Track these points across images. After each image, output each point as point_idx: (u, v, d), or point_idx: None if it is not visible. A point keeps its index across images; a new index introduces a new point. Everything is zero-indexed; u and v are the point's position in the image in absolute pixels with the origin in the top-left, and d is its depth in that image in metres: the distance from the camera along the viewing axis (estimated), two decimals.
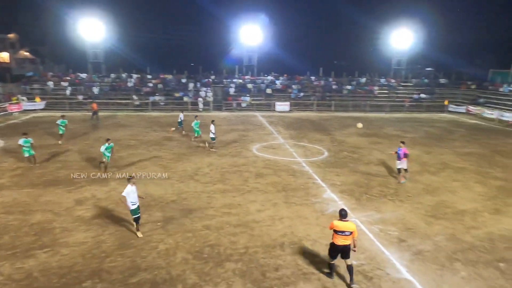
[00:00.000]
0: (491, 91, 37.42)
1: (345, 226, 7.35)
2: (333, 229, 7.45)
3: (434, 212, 11.28)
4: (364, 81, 42.06)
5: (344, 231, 7.33)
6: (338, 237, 7.39)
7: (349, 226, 7.36)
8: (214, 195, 12.30)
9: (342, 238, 7.37)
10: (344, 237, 7.36)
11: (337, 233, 7.39)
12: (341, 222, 7.39)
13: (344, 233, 7.33)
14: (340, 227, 7.35)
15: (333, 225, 7.44)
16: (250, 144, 20.43)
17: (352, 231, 7.34)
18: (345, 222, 7.38)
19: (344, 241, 7.37)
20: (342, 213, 7.46)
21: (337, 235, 7.40)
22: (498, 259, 8.59)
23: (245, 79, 40.49)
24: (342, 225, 7.36)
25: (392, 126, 28.20)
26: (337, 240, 7.41)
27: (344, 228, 7.33)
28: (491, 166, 16.83)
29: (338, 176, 14.78)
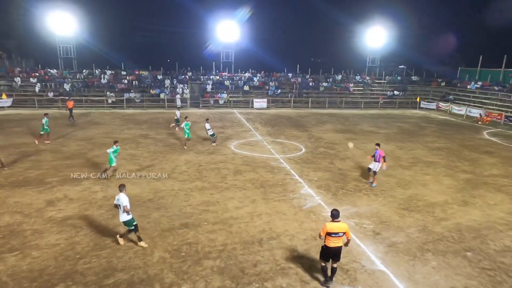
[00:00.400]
0: (459, 88, 39.02)
1: (338, 227, 7.09)
2: (326, 232, 7.07)
3: (407, 205, 11.67)
4: (340, 78, 42.84)
5: (337, 232, 7.06)
6: (332, 239, 7.08)
7: (342, 227, 7.11)
8: (191, 193, 12.19)
9: (335, 240, 7.10)
10: (337, 238, 7.10)
11: (330, 235, 7.06)
12: (333, 224, 7.10)
13: (338, 234, 7.07)
14: (333, 228, 7.06)
15: (326, 227, 7.09)
16: (227, 141, 20.37)
17: (345, 232, 7.12)
18: (337, 223, 7.11)
19: (337, 242, 7.13)
20: (333, 213, 7.18)
21: (330, 237, 7.08)
22: (466, 249, 9.01)
23: (222, 76, 40.27)
24: (335, 226, 7.08)
25: (367, 122, 28.89)
26: (330, 243, 7.11)
27: (337, 229, 7.06)
28: (459, 160, 17.58)
29: (315, 172, 15.00)
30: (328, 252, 7.20)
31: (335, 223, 7.10)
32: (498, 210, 11.55)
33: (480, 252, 8.87)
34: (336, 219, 7.14)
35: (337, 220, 7.13)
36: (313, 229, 9.77)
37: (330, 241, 7.11)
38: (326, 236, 7.12)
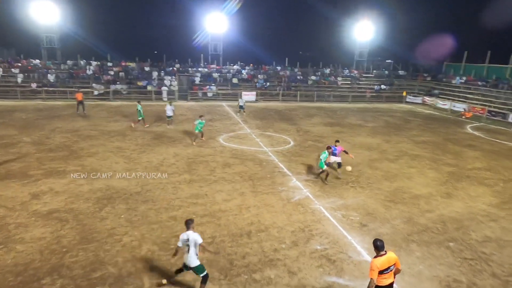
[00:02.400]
0: (444, 83, 39.72)
1: (388, 260, 5.64)
2: (378, 267, 5.56)
3: (393, 197, 11.90)
4: (328, 72, 43.02)
5: (388, 267, 5.64)
6: (383, 276, 5.64)
7: (392, 258, 5.69)
8: (180, 186, 12.15)
9: (387, 276, 5.67)
10: (389, 274, 5.69)
11: (381, 273, 5.61)
12: (381, 258, 5.62)
13: (389, 269, 5.66)
14: (383, 265, 5.59)
15: (375, 266, 5.56)
16: (216, 134, 20.30)
17: (395, 264, 5.76)
18: (385, 256, 5.65)
19: (389, 278, 5.72)
20: (378, 245, 5.69)
21: (381, 275, 5.61)
22: (449, 239, 9.27)
23: (210, 68, 39.94)
24: (385, 261, 5.62)
25: (355, 116, 29.18)
26: (382, 280, 5.66)
27: (388, 264, 5.63)
28: (443, 153, 17.97)
29: (303, 164, 15.11)
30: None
31: (383, 257, 5.64)
32: (479, 202, 11.88)
33: (462, 242, 9.14)
34: (382, 251, 5.69)
35: (383, 253, 5.68)
36: (301, 221, 9.88)
37: (382, 278, 5.64)
38: (377, 274, 5.59)
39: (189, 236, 6.54)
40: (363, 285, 7.23)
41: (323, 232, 9.34)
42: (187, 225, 6.69)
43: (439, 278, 7.60)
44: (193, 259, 6.59)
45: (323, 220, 10.04)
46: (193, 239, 6.52)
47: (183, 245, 6.60)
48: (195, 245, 6.56)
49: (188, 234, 6.56)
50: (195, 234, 6.57)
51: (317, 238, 9.03)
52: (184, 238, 6.57)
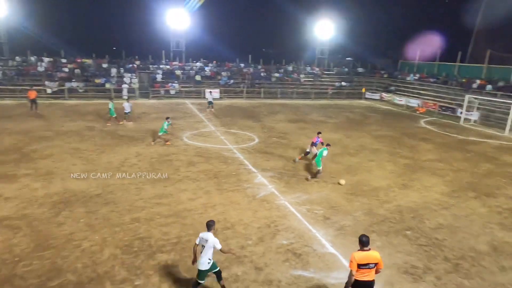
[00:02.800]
0: (400, 80, 41.73)
1: (368, 257, 5.80)
2: (357, 263, 5.76)
3: (354, 190, 12.36)
4: (291, 69, 43.66)
5: (368, 263, 5.79)
6: (360, 271, 5.81)
7: (374, 257, 5.83)
8: (143, 186, 11.81)
9: (365, 272, 5.83)
10: (367, 271, 5.83)
11: (359, 267, 5.77)
12: (363, 253, 5.83)
13: (368, 265, 5.80)
14: (362, 259, 5.77)
15: (354, 258, 5.77)
16: (179, 132, 19.93)
17: (378, 262, 5.85)
18: (367, 252, 5.84)
19: (367, 276, 5.86)
20: (363, 240, 5.86)
21: (359, 269, 5.79)
22: (406, 228, 9.80)
23: (173, 65, 39.08)
24: (365, 256, 5.80)
25: (317, 112, 29.89)
26: (359, 275, 5.84)
27: (367, 260, 5.78)
28: (400, 146, 18.93)
29: (268, 161, 15.26)
30: (357, 286, 5.93)
31: (365, 253, 5.83)
32: (433, 191, 12.66)
33: (417, 230, 9.69)
34: (366, 247, 5.85)
35: (366, 249, 5.86)
36: (266, 217, 9.99)
37: (359, 273, 5.83)
38: (356, 269, 5.81)
39: (208, 239, 6.36)
40: (327, 277, 7.48)
41: (289, 227, 9.50)
42: (208, 227, 6.51)
43: (397, 265, 8.02)
44: (203, 262, 6.39)
45: (289, 215, 10.22)
46: (212, 243, 6.34)
47: (200, 244, 6.44)
48: (211, 249, 6.36)
49: (208, 236, 6.38)
50: (215, 239, 6.39)
51: (282, 233, 9.17)
52: (203, 238, 6.41)
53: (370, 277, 5.90)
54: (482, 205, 11.68)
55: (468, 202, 11.83)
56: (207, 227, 6.51)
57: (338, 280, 7.33)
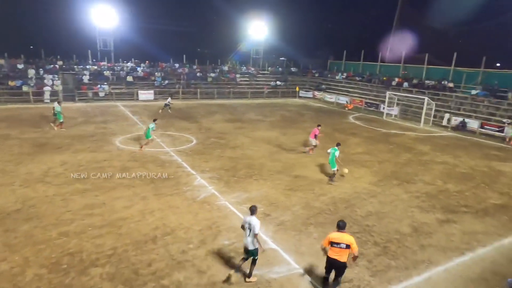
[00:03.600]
0: (330, 78, 44.28)
1: (341, 237, 6.69)
2: (329, 241, 6.74)
3: (292, 186, 12.81)
4: (227, 69, 43.74)
5: (339, 243, 6.66)
6: (333, 249, 6.73)
7: (345, 238, 6.68)
8: (71, 197, 10.89)
9: (336, 250, 6.70)
10: (338, 250, 6.67)
11: (332, 245, 6.72)
12: (336, 233, 6.76)
13: (339, 245, 6.66)
14: (335, 238, 6.71)
15: (328, 237, 6.82)
16: (111, 136, 18.78)
17: (350, 244, 6.64)
18: (341, 233, 6.73)
19: (338, 255, 6.69)
20: (339, 224, 6.84)
21: (331, 247, 6.74)
22: (340, 218, 10.36)
23: (101, 66, 36.64)
24: (338, 236, 6.72)
25: (254, 111, 30.37)
26: (331, 252, 6.76)
27: (339, 239, 6.68)
28: (332, 141, 19.99)
29: (207, 162, 15.11)
30: (328, 262, 6.86)
31: (338, 233, 6.75)
32: (362, 182, 13.67)
33: (350, 219, 10.38)
34: (341, 230, 6.77)
35: (341, 231, 6.77)
36: (207, 219, 9.89)
37: (331, 251, 6.75)
38: (329, 247, 6.76)
39: (250, 221, 7.03)
40: (269, 272, 7.65)
41: (230, 227, 9.52)
42: (251, 211, 7.18)
43: None
44: (250, 242, 7.04)
45: (230, 215, 10.24)
46: (252, 226, 6.97)
47: (244, 228, 7.14)
48: (253, 232, 6.95)
49: (251, 219, 7.06)
50: (257, 222, 7.01)
51: (224, 234, 9.16)
52: (247, 221, 7.10)
53: (342, 258, 6.71)
54: (404, 191, 12.92)
55: (392, 190, 13.00)
56: (251, 212, 7.22)
57: (279, 275, 7.55)
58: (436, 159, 17.52)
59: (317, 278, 7.47)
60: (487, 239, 9.67)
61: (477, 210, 11.56)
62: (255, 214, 7.18)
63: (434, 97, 30.05)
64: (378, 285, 7.41)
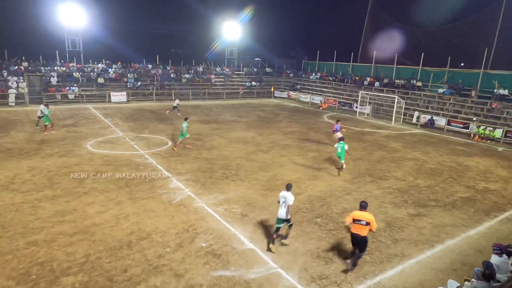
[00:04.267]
0: (304, 78, 44.88)
1: (362, 215, 7.68)
2: (352, 218, 7.75)
3: (268, 186, 12.87)
4: (202, 70, 43.38)
5: (360, 220, 7.62)
6: (354, 225, 7.73)
7: (366, 216, 7.66)
8: (40, 204, 10.44)
9: (357, 227, 7.67)
10: (359, 226, 7.65)
11: (354, 221, 7.73)
12: (358, 212, 7.78)
13: (360, 222, 7.62)
14: (356, 216, 7.71)
15: (351, 214, 7.88)
16: (82, 140, 18.16)
17: (369, 222, 7.58)
18: (362, 212, 7.74)
19: (359, 230, 7.66)
20: (362, 204, 7.84)
21: (353, 224, 7.74)
22: (316, 216, 10.59)
23: (70, 67, 35.37)
24: (359, 214, 7.72)
25: (229, 112, 30.30)
26: (353, 228, 7.75)
27: (360, 217, 7.66)
28: (307, 141, 20.36)
29: (183, 164, 14.92)
30: (352, 237, 7.86)
31: (360, 212, 7.77)
32: (337, 180, 13.93)
33: (326, 216, 10.56)
34: (363, 209, 7.78)
35: (363, 210, 7.76)
36: (184, 222, 9.76)
37: (354, 227, 7.77)
38: (352, 223, 7.79)
39: (286, 196, 8.43)
40: (248, 273, 7.64)
41: (207, 229, 9.45)
42: (287, 188, 8.58)
43: (311, 251, 8.62)
44: (285, 213, 8.48)
45: (207, 217, 10.15)
46: (288, 199, 8.40)
47: (280, 202, 8.52)
48: (287, 204, 8.39)
49: (286, 194, 8.46)
50: (291, 197, 8.45)
51: (201, 236, 9.08)
52: (283, 196, 8.48)
53: (362, 233, 7.72)
54: (377, 187, 13.29)
55: (366, 186, 13.34)
56: (287, 188, 8.59)
57: (258, 275, 7.57)
58: (407, 155, 18.14)
59: (294, 274, 7.55)
60: (455, 231, 10.12)
61: (446, 204, 12.06)
62: (291, 191, 8.52)
63: (404, 96, 31.13)
64: (354, 280, 7.57)
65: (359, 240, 7.77)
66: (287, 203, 8.39)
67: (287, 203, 8.39)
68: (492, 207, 12.02)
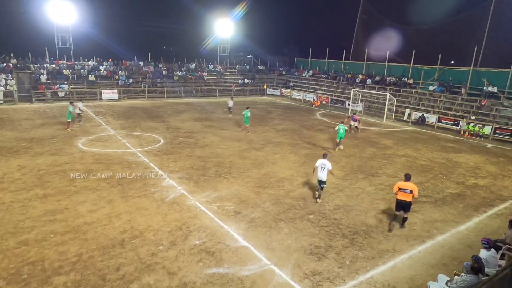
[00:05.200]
0: (297, 76, 44.94)
1: (406, 185, 9.50)
2: (398, 187, 9.55)
3: (261, 183, 12.90)
4: (194, 67, 43.15)
5: (405, 188, 9.45)
6: (400, 193, 9.53)
7: (410, 185, 9.47)
8: (30, 203, 10.32)
9: (403, 194, 9.50)
10: (404, 194, 9.48)
11: (400, 190, 9.52)
12: (403, 182, 9.59)
13: (405, 190, 9.45)
14: (402, 185, 9.52)
15: (397, 184, 9.72)
16: (73, 138, 17.97)
17: (413, 190, 9.42)
18: (407, 182, 9.52)
19: (404, 197, 9.50)
20: (407, 176, 9.68)
21: (400, 192, 9.53)
22: (309, 213, 10.65)
23: (60, 64, 34.88)
24: (404, 184, 9.53)
25: (222, 109, 30.20)
26: (400, 196, 9.54)
27: (405, 186, 9.48)
28: (300, 138, 20.43)
29: (175, 162, 14.86)
30: (398, 203, 9.67)
31: (405, 182, 9.56)
32: (330, 177, 13.86)
33: (319, 213, 10.63)
34: (408, 180, 9.58)
35: (407, 181, 9.56)
36: (177, 220, 9.74)
37: (400, 194, 9.55)
38: (398, 192, 9.56)
39: (325, 163, 11.14)
40: (241, 270, 7.67)
41: (201, 227, 9.44)
42: (324, 156, 11.50)
43: (304, 247, 8.67)
44: (325, 175, 11.14)
45: (200, 215, 10.14)
46: (327, 165, 11.14)
47: (319, 166, 11.15)
48: (326, 169, 11.11)
49: (325, 161, 11.18)
50: (329, 164, 11.21)
51: (195, 234, 9.07)
52: (322, 163, 11.16)
53: (407, 199, 9.53)
54: (369, 184, 13.41)
55: (359, 183, 13.45)
56: (324, 156, 11.45)
57: (251, 272, 7.59)
58: (398, 152, 18.33)
59: (287, 271, 7.60)
60: (445, 226, 10.27)
61: (436, 200, 12.24)
62: (327, 158, 11.34)
63: (396, 93, 31.40)
64: (346, 276, 7.65)
65: (404, 205, 9.61)
66: (326, 168, 11.05)
67: (327, 167, 11.07)
68: (481, 202, 12.23)
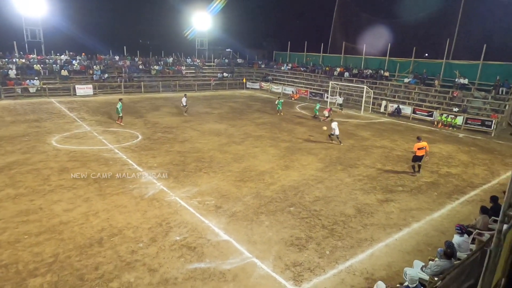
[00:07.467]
0: (276, 69, 44.97)
1: (422, 144, 13.62)
2: (417, 147, 13.50)
3: (242, 177, 12.91)
4: (171, 61, 42.41)
5: (422, 147, 13.59)
6: (419, 151, 13.55)
7: (424, 144, 13.68)
8: (1, 204, 9.93)
9: (421, 151, 13.58)
10: (422, 150, 13.60)
11: (418, 149, 13.51)
12: (419, 143, 13.65)
13: (422, 148, 13.59)
14: (420, 145, 13.56)
15: (416, 145, 13.61)
16: (46, 136, 17.36)
17: (426, 147, 13.67)
18: (421, 142, 13.69)
19: (422, 152, 13.62)
20: (419, 138, 14.15)
21: (418, 150, 13.52)
22: (289, 205, 10.76)
23: (29, 59, 33.47)
24: (420, 144, 13.60)
25: (202, 104, 29.95)
26: (418, 152, 13.57)
27: (422, 145, 13.59)
28: (280, 131, 20.53)
29: (154, 158, 14.64)
30: (417, 158, 13.72)
31: (420, 142, 13.68)
32: (309, 169, 14.19)
33: (299, 205, 10.77)
34: (420, 140, 13.84)
35: (421, 141, 13.80)
36: (157, 216, 9.62)
37: (418, 152, 13.59)
38: (417, 150, 13.53)
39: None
40: (223, 264, 7.68)
41: (181, 222, 9.38)
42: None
43: (284, 239, 8.77)
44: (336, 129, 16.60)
45: (180, 210, 10.06)
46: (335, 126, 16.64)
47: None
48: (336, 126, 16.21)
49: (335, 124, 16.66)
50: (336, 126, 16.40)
51: (175, 229, 9.00)
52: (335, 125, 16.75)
53: (423, 153, 13.70)
54: (347, 175, 13.67)
55: (337, 175, 13.69)
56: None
57: (233, 265, 7.62)
58: (375, 143, 18.75)
59: (268, 263, 7.67)
60: (420, 214, 10.63)
61: (412, 189, 12.63)
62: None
63: (372, 86, 32.00)
64: (326, 266, 7.81)
65: (420, 157, 13.69)
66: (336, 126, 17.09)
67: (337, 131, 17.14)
68: (454, 190, 12.73)
